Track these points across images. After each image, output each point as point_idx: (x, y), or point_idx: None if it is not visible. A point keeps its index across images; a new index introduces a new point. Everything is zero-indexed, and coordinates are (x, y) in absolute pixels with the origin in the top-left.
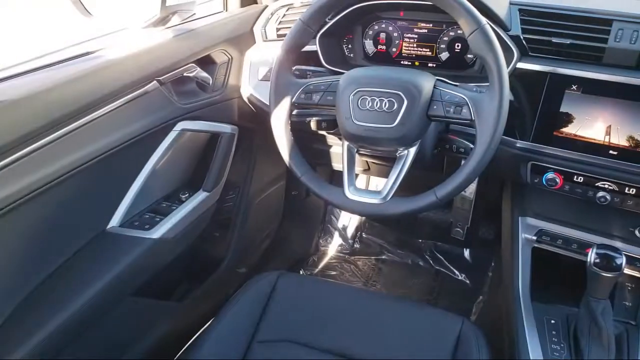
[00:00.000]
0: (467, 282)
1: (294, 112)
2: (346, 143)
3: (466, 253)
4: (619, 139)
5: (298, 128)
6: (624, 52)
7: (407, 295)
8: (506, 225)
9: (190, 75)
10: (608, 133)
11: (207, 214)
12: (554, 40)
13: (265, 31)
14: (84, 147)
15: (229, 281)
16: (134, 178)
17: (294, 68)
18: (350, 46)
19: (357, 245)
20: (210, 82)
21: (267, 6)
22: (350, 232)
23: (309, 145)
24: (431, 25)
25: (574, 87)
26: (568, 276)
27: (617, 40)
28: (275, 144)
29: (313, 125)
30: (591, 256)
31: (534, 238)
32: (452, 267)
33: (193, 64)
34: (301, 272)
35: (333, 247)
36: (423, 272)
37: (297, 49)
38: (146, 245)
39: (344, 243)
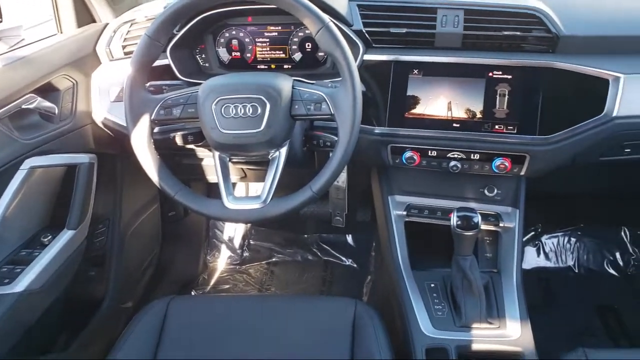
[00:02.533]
0: (355, 265)
1: (156, 130)
2: (217, 153)
3: (349, 239)
4: (459, 113)
5: (163, 146)
6: (450, 36)
7: (301, 292)
8: (378, 206)
9: (31, 106)
10: (450, 109)
11: (76, 253)
12: (392, 30)
13: (110, 50)
14: None
15: (115, 319)
16: None
17: (147, 84)
18: (204, 56)
19: (246, 254)
20: (56, 111)
21: (107, 24)
22: (237, 242)
23: (179, 162)
24: (280, 27)
25: (415, 71)
26: (439, 241)
27: (443, 25)
28: (141, 166)
29: (179, 141)
30: (453, 220)
31: (404, 213)
32: (338, 255)
33: (32, 94)
34: (193, 294)
35: (222, 260)
36: (313, 266)
37: (148, 65)
38: (8, 303)
39: (232, 254)
